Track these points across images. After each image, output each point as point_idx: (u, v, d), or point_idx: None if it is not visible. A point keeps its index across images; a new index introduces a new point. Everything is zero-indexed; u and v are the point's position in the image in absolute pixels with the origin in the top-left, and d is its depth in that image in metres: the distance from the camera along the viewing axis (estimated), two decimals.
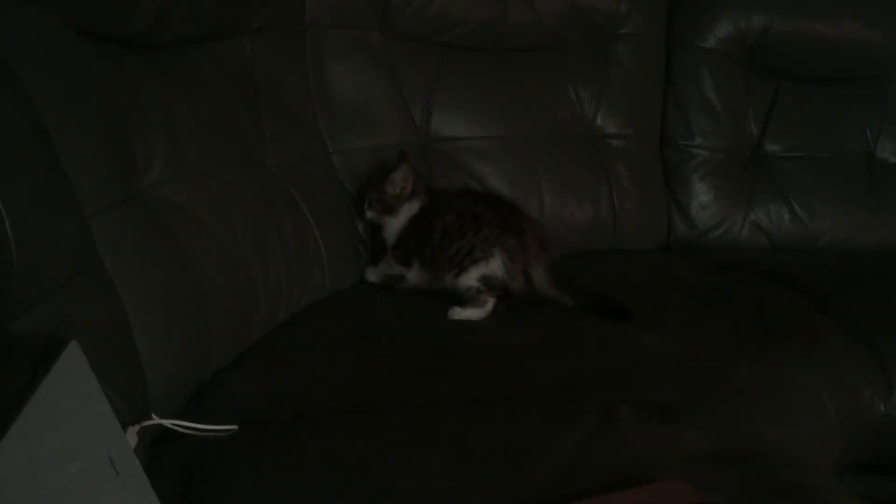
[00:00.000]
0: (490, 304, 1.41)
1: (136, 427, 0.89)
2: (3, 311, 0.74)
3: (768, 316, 1.50)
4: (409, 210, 1.50)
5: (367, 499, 0.88)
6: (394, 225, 1.51)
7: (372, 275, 1.55)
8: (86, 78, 1.02)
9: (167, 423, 0.96)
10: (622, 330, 1.39)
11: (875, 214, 1.97)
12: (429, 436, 1.00)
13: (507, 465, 0.94)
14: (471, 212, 1.44)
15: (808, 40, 1.95)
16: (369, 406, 1.09)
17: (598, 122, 1.87)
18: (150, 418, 0.94)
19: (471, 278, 1.41)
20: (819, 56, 1.97)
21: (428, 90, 1.71)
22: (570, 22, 1.82)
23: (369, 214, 1.51)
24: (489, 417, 1.05)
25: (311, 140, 1.56)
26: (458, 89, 1.74)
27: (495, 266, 1.41)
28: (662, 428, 1.04)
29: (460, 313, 1.41)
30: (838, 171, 1.98)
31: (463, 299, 1.42)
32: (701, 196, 1.91)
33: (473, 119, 1.75)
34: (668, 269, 1.82)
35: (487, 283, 1.41)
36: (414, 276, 1.50)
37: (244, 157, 1.36)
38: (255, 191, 1.34)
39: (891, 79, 2.03)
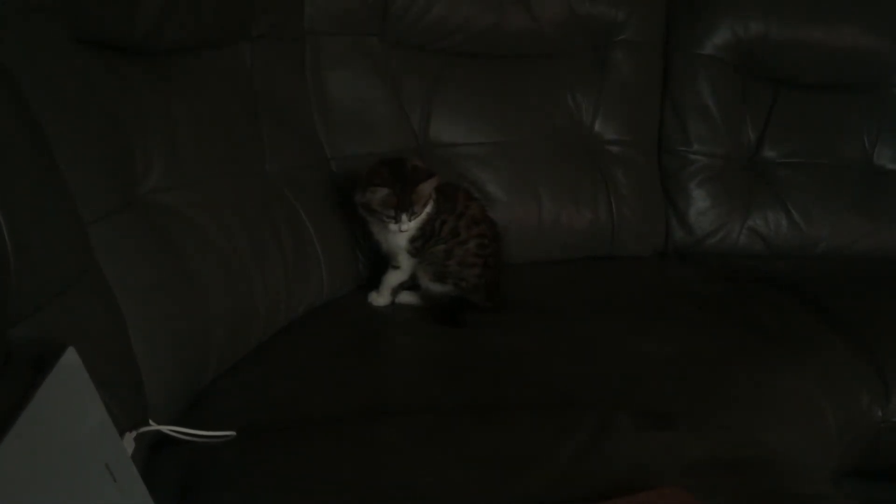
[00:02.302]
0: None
1: (134, 433, 0.89)
2: (0, 317, 0.74)
3: (766, 322, 1.50)
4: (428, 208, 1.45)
5: None
6: (415, 223, 1.44)
7: (381, 299, 1.50)
8: (85, 85, 1.02)
9: (165, 429, 0.96)
10: (620, 336, 1.39)
11: (873, 220, 1.97)
12: (426, 443, 1.00)
13: (505, 471, 0.94)
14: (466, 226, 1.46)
15: (805, 47, 1.95)
16: (367, 413, 1.09)
17: (597, 128, 1.87)
18: (148, 424, 0.94)
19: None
20: (817, 63, 1.98)
21: (427, 96, 1.72)
22: (568, 29, 1.83)
23: (408, 226, 1.42)
24: (487, 424, 1.05)
25: (309, 146, 1.57)
26: (457, 95, 1.75)
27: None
28: (661, 435, 1.04)
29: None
30: (836, 178, 1.99)
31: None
32: (699, 202, 1.92)
33: (472, 125, 1.76)
34: (666, 275, 1.82)
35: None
36: (407, 267, 1.48)
37: (243, 163, 1.36)
38: (253, 197, 1.34)
39: (888, 85, 2.03)
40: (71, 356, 0.72)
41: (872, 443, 1.41)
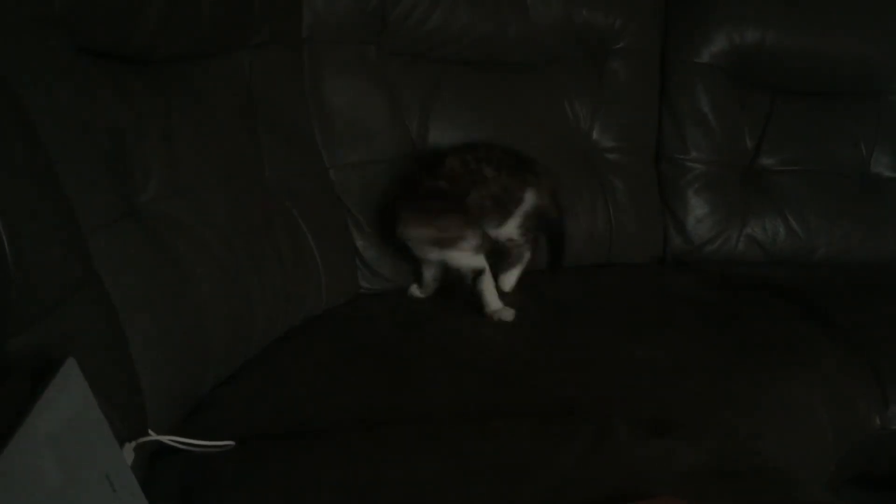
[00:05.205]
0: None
1: (133, 443, 0.89)
2: (0, 328, 0.74)
3: (764, 329, 1.50)
4: None
5: None
6: None
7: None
8: (84, 94, 1.03)
9: (164, 439, 0.96)
10: (618, 343, 1.39)
11: (870, 227, 1.98)
12: (425, 451, 1.01)
13: (503, 480, 0.94)
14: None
15: (802, 55, 1.96)
16: (366, 421, 1.09)
17: (594, 136, 1.87)
18: (148, 434, 0.94)
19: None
20: (813, 70, 1.98)
21: (425, 105, 1.72)
22: (565, 37, 1.83)
23: None
24: (485, 432, 1.06)
25: (308, 155, 1.57)
26: (455, 104, 1.75)
27: None
28: (658, 443, 1.05)
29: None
30: (833, 185, 1.99)
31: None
32: (696, 210, 1.92)
33: (470, 133, 1.75)
34: (664, 282, 1.82)
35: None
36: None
37: (241, 172, 1.36)
38: (252, 206, 1.34)
39: (886, 93, 2.04)
40: (71, 367, 0.72)
41: (870, 450, 1.41)
